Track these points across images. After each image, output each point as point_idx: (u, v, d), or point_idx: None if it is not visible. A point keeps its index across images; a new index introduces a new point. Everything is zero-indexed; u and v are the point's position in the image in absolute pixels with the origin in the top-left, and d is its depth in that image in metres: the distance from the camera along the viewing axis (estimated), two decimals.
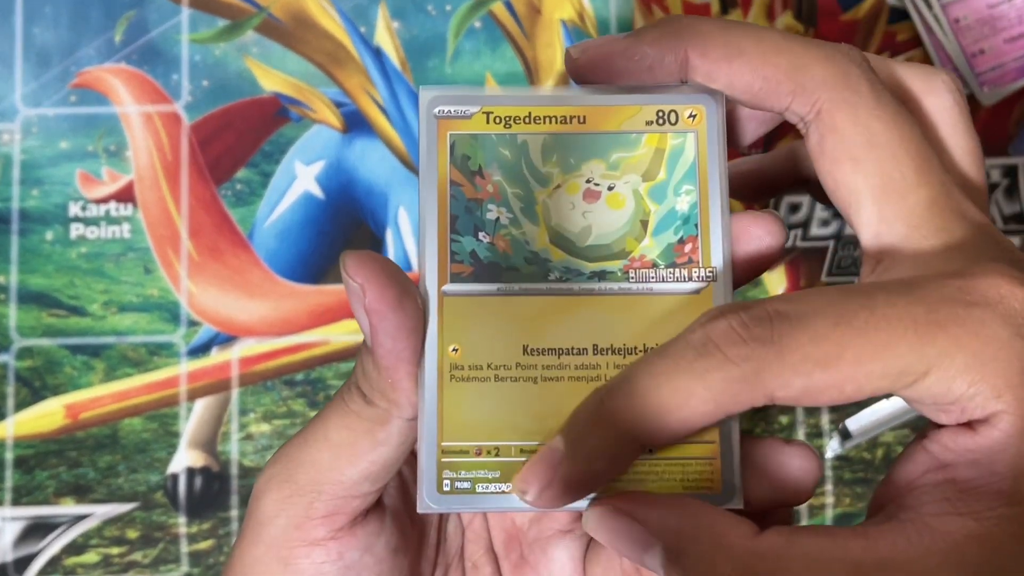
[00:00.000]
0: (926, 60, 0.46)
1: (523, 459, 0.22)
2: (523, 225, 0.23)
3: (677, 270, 0.23)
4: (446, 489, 0.22)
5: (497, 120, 0.23)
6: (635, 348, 0.22)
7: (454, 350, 0.23)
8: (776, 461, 0.22)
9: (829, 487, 0.45)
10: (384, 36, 0.46)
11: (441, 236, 0.23)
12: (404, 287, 0.22)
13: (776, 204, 0.46)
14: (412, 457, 0.24)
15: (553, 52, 0.46)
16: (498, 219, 0.23)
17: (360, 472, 0.23)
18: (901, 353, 0.19)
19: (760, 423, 0.45)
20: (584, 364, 0.22)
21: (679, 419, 0.19)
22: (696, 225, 0.23)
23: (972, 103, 0.46)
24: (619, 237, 0.23)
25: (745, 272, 0.23)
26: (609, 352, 0.23)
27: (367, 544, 0.24)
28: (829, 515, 0.45)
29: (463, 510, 0.22)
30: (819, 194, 0.25)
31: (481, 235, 0.23)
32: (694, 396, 0.19)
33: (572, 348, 0.23)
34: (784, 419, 0.45)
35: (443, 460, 0.22)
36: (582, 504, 0.22)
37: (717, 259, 0.23)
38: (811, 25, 0.47)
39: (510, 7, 0.47)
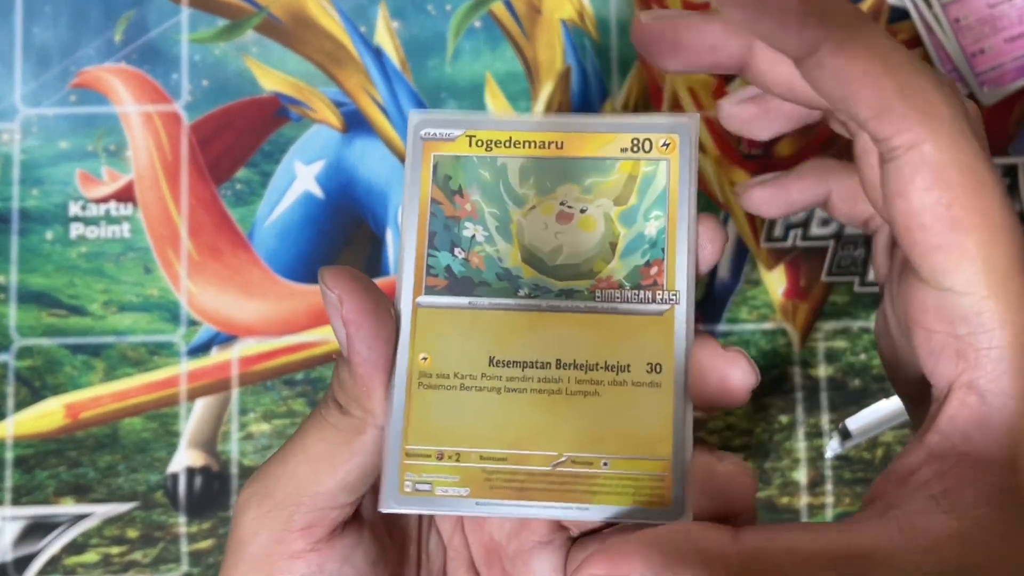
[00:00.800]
0: (926, 59, 0.46)
1: (482, 465, 0.23)
2: (497, 243, 0.24)
3: (642, 292, 0.24)
4: (407, 490, 0.23)
5: (479, 143, 0.25)
6: (596, 364, 0.23)
7: (424, 358, 0.24)
8: (713, 477, 0.23)
9: (829, 487, 0.45)
10: (384, 36, 0.46)
11: (419, 251, 0.24)
12: (378, 299, 0.23)
13: None
14: None
15: (553, 52, 0.46)
16: (474, 236, 0.24)
17: (338, 483, 0.23)
18: None
19: (760, 423, 0.45)
20: (547, 377, 0.23)
21: None
22: (663, 249, 0.24)
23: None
24: (588, 258, 0.24)
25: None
26: (571, 367, 0.24)
27: (345, 555, 0.24)
28: (829, 515, 0.45)
29: (422, 511, 0.23)
30: (846, 218, 0.26)
31: (457, 251, 0.24)
32: None
33: (536, 361, 0.24)
34: (784, 419, 0.45)
35: (406, 462, 0.23)
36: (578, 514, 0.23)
37: (681, 283, 0.24)
38: None
39: (510, 7, 0.47)
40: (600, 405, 0.23)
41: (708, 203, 0.46)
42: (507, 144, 0.25)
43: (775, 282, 0.46)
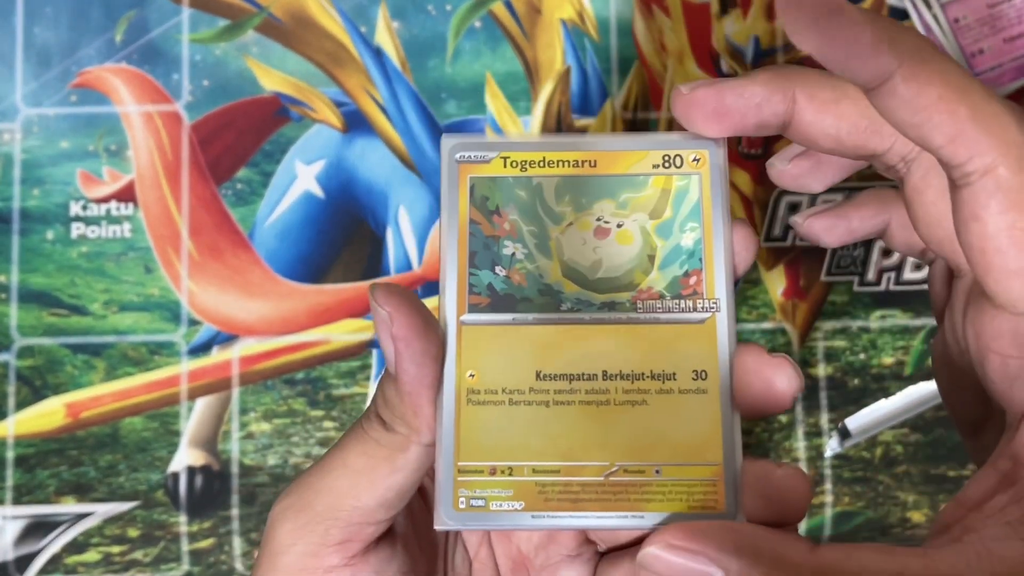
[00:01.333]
0: None
1: (535, 479, 0.23)
2: (537, 260, 0.25)
3: (683, 301, 0.24)
4: (461, 507, 0.23)
5: (514, 164, 0.25)
6: (642, 374, 0.24)
7: (471, 375, 0.24)
8: (771, 482, 0.23)
9: (828, 486, 0.45)
10: (384, 36, 0.47)
11: (461, 270, 0.25)
12: (427, 317, 0.23)
13: (775, 202, 0.46)
14: (420, 485, 0.25)
15: (553, 52, 0.47)
16: (514, 254, 0.25)
17: (377, 499, 0.23)
18: None
19: (760, 422, 0.45)
20: (594, 389, 0.24)
21: None
22: (700, 259, 0.25)
23: None
24: (628, 270, 0.25)
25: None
26: (618, 378, 0.24)
27: (379, 570, 0.24)
28: (828, 514, 0.45)
29: (478, 527, 0.24)
30: (905, 247, 0.26)
31: (498, 269, 0.25)
32: None
33: (583, 374, 0.24)
34: (784, 418, 0.45)
35: (459, 479, 0.23)
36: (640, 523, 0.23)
37: (720, 290, 0.24)
38: None
39: (510, 7, 0.47)
40: (648, 414, 0.24)
41: None
42: (541, 164, 0.25)
43: (774, 281, 0.46)
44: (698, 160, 0.25)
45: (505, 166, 0.25)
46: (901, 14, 0.47)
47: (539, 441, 0.24)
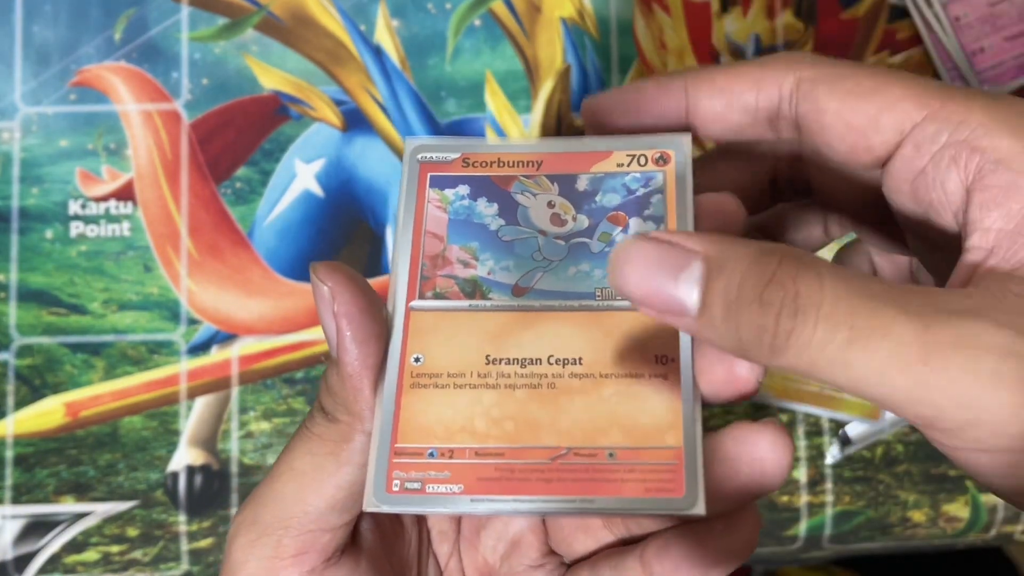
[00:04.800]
0: (926, 58, 0.46)
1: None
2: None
3: None
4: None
5: (475, 164, 0.25)
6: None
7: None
8: (744, 451, 0.22)
9: (829, 485, 0.45)
10: (384, 34, 0.46)
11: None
12: (372, 297, 0.22)
13: None
14: None
15: (553, 50, 0.46)
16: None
17: (326, 500, 0.22)
18: None
19: (759, 419, 0.45)
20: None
21: None
22: None
23: None
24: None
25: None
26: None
27: None
28: (828, 514, 0.45)
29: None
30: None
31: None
32: None
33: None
34: (783, 417, 0.45)
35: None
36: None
37: None
38: (811, 23, 0.47)
39: (510, 5, 0.47)
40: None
41: None
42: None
43: None
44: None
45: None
46: (901, 12, 0.47)
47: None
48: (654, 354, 0.23)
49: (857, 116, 0.22)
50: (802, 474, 0.45)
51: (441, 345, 0.23)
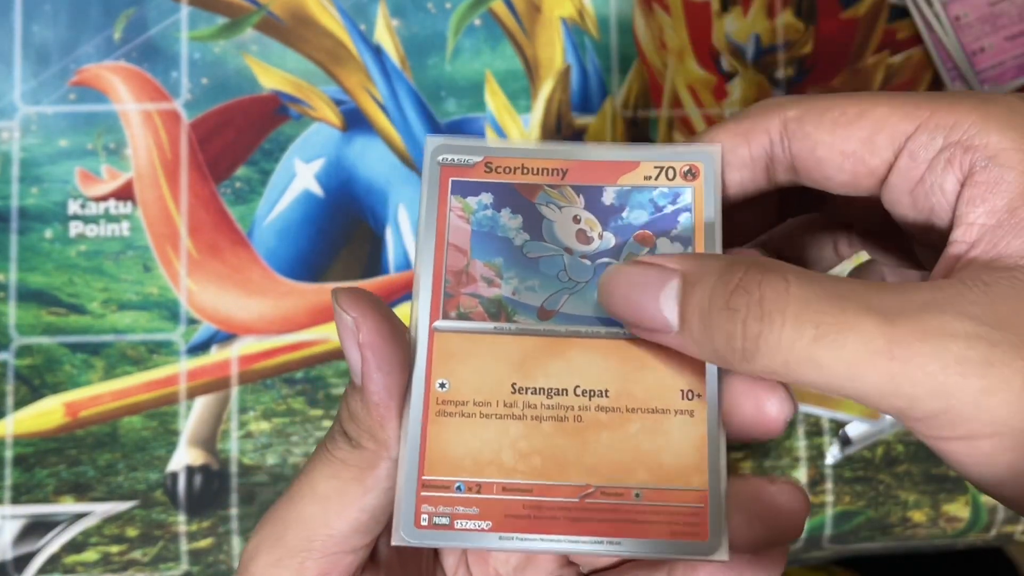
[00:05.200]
0: (926, 58, 0.46)
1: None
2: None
3: None
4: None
5: (497, 170, 0.24)
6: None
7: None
8: (764, 502, 0.22)
9: (829, 485, 0.45)
10: (384, 34, 0.46)
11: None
12: (395, 324, 0.22)
13: None
14: None
15: (553, 50, 0.46)
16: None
17: (350, 524, 0.22)
18: None
19: None
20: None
21: None
22: None
23: None
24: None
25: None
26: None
27: None
28: (828, 513, 0.45)
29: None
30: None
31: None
32: None
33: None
34: None
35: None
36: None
37: None
38: (811, 23, 0.47)
39: (510, 5, 0.47)
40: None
41: None
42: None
43: None
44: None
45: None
46: (901, 12, 0.47)
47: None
48: (680, 389, 0.23)
49: (850, 143, 0.22)
50: (802, 474, 0.45)
51: (466, 370, 0.23)
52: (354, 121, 0.46)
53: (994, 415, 0.18)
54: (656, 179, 0.24)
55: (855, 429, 0.45)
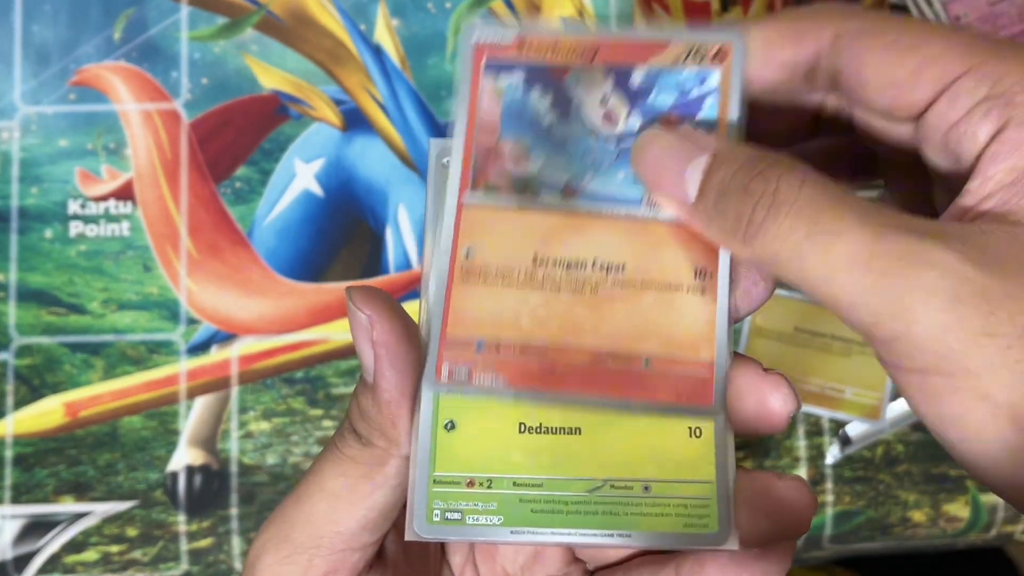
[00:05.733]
0: None
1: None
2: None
3: None
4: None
5: (532, 48, 0.24)
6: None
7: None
8: (772, 497, 0.22)
9: (829, 485, 0.45)
10: (384, 34, 0.46)
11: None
12: (408, 323, 0.22)
13: None
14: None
15: None
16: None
17: (359, 521, 0.22)
18: None
19: None
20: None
21: None
22: None
23: None
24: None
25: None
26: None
27: None
28: (828, 513, 0.45)
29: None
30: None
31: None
32: None
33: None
34: None
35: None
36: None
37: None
38: None
39: (510, 4, 0.47)
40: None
41: None
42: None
43: None
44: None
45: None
46: (901, 11, 0.47)
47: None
48: (694, 267, 0.23)
49: (897, 71, 0.22)
50: (802, 474, 0.45)
51: (492, 241, 0.23)
52: (354, 121, 0.46)
53: (948, 351, 0.19)
54: (686, 60, 0.24)
55: (855, 429, 0.45)
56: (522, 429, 0.23)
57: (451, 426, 0.23)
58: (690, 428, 0.23)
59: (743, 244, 0.21)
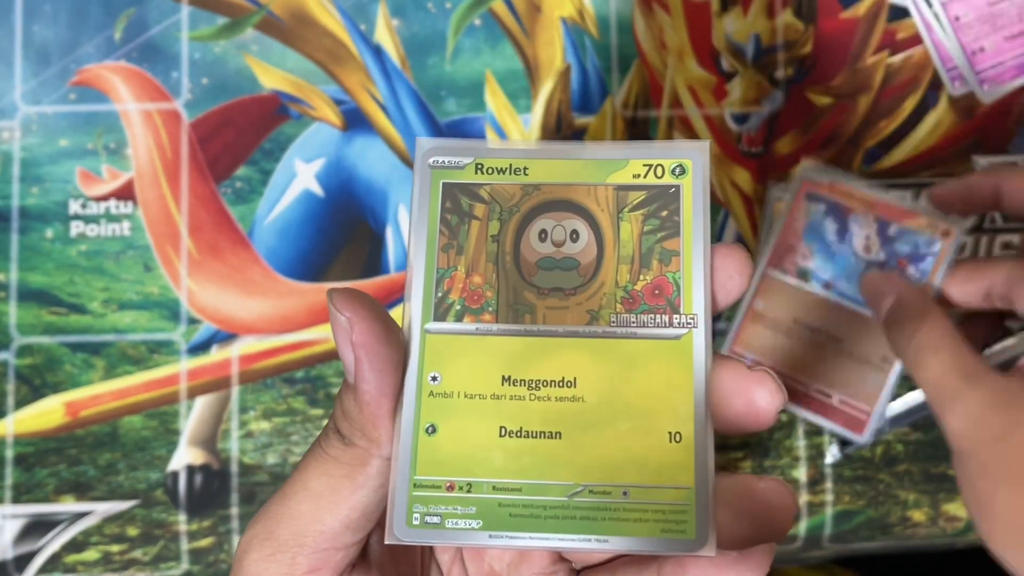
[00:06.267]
0: (926, 58, 0.46)
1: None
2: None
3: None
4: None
5: (488, 171, 0.24)
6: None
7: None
8: (752, 499, 0.22)
9: (829, 485, 0.45)
10: (384, 34, 0.46)
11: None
12: (389, 324, 0.22)
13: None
14: None
15: (553, 50, 0.46)
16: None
17: (341, 520, 0.23)
18: None
19: None
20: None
21: None
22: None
23: (972, 101, 0.46)
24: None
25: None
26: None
27: None
28: (828, 513, 0.45)
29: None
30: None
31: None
32: None
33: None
34: (783, 416, 0.45)
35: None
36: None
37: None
38: (811, 23, 0.47)
39: (510, 5, 0.47)
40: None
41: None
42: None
43: None
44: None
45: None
46: (901, 12, 0.47)
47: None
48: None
49: None
50: (802, 474, 0.45)
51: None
52: (354, 121, 0.46)
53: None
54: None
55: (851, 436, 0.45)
56: (503, 433, 0.23)
57: (432, 430, 0.23)
58: (670, 433, 0.23)
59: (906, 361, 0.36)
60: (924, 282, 0.38)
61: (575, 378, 0.23)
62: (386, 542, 0.22)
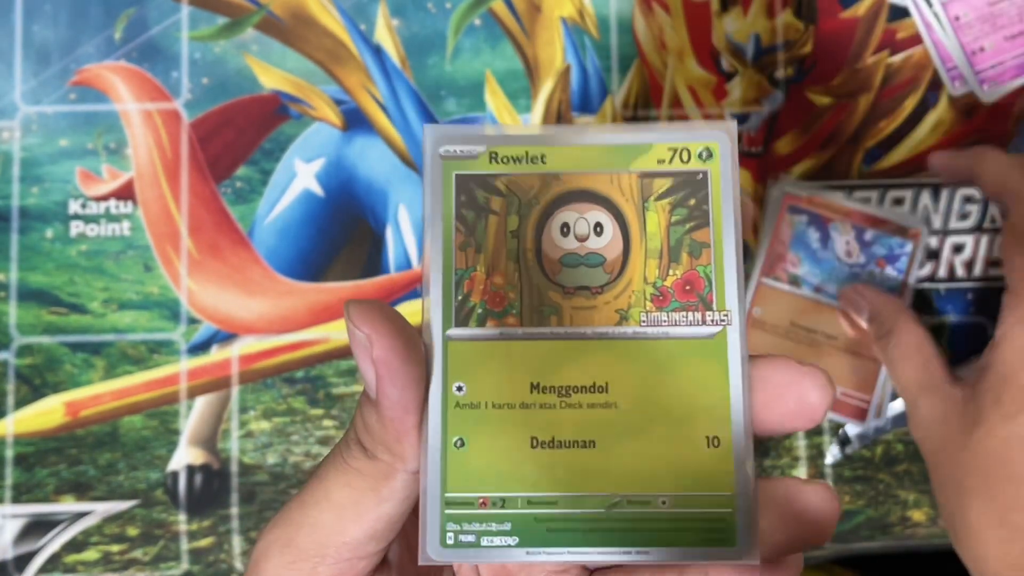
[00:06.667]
0: (926, 57, 0.46)
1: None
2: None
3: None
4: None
5: (504, 159, 0.23)
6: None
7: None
8: (795, 505, 0.22)
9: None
10: (384, 34, 0.46)
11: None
12: (410, 336, 0.21)
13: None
14: (414, 511, 0.24)
15: (553, 50, 0.46)
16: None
17: (365, 532, 0.22)
18: None
19: None
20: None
21: None
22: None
23: (972, 101, 0.46)
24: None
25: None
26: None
27: None
28: None
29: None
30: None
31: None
32: None
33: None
34: None
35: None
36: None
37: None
38: (811, 23, 0.47)
39: (510, 5, 0.47)
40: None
41: None
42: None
43: None
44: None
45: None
46: (901, 12, 0.47)
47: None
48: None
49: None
50: (802, 473, 0.45)
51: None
52: (354, 121, 0.46)
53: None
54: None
55: (855, 428, 0.45)
56: (534, 444, 0.22)
57: (460, 443, 0.22)
58: (707, 438, 0.22)
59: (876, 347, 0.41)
60: (899, 279, 0.43)
61: (607, 383, 0.22)
62: (420, 563, 0.21)
